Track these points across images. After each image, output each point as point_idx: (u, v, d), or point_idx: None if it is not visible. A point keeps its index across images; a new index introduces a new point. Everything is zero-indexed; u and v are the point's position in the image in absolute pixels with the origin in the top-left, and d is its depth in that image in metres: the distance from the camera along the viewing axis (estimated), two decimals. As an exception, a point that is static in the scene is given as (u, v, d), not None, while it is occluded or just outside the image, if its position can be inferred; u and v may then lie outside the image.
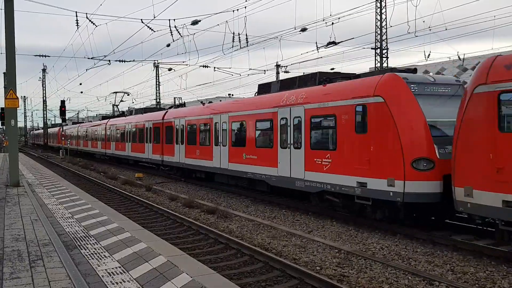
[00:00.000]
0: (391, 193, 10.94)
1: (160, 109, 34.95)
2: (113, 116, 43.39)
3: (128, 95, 48.18)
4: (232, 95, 47.38)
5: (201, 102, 24.57)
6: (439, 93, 11.77)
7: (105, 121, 40.87)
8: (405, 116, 11.02)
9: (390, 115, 11.06)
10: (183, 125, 23.45)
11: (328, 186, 12.99)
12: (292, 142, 14.62)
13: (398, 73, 11.84)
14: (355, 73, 14.70)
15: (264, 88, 18.08)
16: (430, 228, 11.25)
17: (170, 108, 30.26)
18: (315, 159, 13.54)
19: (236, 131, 18.36)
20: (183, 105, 30.08)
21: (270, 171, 15.69)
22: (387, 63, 33.36)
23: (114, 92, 46.92)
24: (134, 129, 31.31)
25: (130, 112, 39.82)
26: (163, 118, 26.42)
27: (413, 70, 12.61)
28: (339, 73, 15.87)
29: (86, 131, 47.00)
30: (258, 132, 16.90)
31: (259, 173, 16.36)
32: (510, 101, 8.91)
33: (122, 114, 41.86)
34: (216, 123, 19.79)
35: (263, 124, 16.49)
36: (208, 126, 20.57)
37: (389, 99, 11.22)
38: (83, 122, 61.48)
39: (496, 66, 9.09)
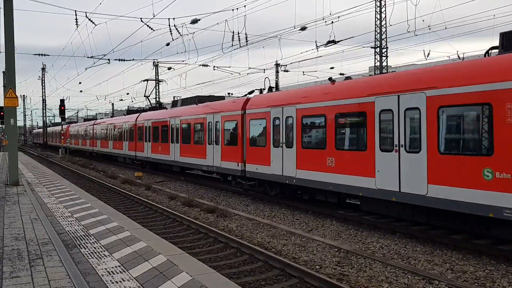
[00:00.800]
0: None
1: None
2: (153, 109, 34.76)
3: (160, 82, 48.38)
4: (232, 94, 47.38)
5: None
6: None
7: (134, 115, 33.42)
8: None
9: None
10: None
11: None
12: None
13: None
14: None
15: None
16: (429, 228, 11.25)
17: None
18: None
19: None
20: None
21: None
22: (387, 62, 33.37)
23: (145, 80, 41.55)
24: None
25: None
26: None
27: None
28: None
29: (110, 129, 38.80)
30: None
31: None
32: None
33: (158, 107, 36.23)
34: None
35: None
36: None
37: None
38: (96, 119, 56.61)
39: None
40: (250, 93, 19.56)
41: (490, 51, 10.20)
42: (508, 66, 8.88)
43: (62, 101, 44.07)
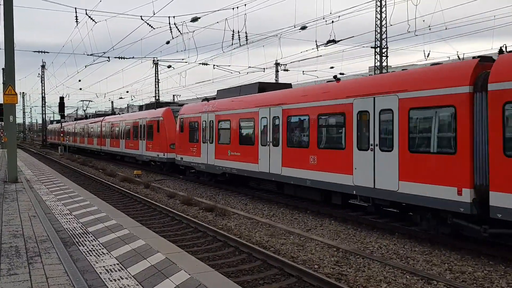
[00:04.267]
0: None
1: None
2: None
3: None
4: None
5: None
6: None
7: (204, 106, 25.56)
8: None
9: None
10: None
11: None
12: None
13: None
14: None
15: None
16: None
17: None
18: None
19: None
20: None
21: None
22: (387, 62, 33.35)
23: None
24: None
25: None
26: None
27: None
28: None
29: (127, 125, 33.71)
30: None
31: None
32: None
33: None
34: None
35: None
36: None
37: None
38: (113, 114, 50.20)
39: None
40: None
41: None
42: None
43: (61, 98, 44.03)
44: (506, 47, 9.82)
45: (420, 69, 11.85)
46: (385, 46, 33.31)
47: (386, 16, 32.99)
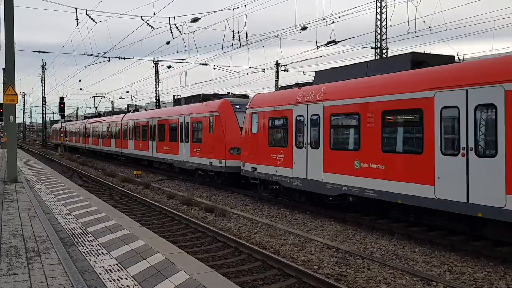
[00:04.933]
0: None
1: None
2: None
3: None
4: (231, 93, 47.31)
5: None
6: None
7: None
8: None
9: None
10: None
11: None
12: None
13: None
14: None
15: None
16: (428, 229, 11.24)
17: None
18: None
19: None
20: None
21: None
22: (387, 63, 33.29)
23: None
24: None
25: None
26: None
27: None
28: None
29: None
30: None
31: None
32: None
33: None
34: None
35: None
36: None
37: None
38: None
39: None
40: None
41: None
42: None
43: (61, 98, 44.03)
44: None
45: None
46: (386, 47, 33.30)
47: (386, 17, 32.98)
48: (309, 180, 13.85)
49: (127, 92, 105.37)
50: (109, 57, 31.37)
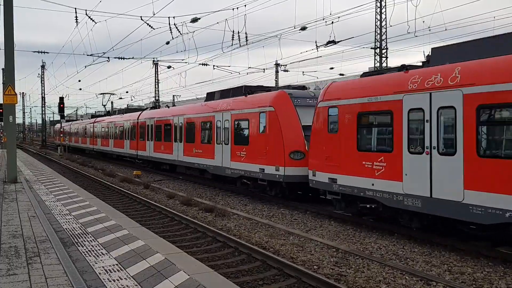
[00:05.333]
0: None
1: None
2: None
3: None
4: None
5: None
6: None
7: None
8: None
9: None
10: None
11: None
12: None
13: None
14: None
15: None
16: (427, 229, 11.24)
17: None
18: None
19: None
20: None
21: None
22: (387, 63, 33.36)
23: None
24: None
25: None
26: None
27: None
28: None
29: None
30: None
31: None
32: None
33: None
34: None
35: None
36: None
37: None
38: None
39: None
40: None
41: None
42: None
43: (61, 98, 44.02)
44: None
45: None
46: (385, 47, 33.31)
47: (386, 17, 32.99)
48: (435, 199, 9.83)
49: (127, 92, 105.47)
50: (108, 57, 31.40)
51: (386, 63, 33.30)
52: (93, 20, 23.03)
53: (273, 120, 15.76)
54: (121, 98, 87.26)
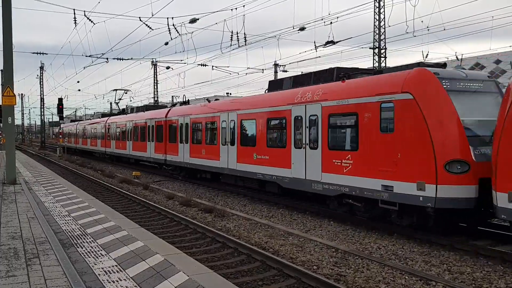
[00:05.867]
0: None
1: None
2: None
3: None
4: (230, 93, 47.08)
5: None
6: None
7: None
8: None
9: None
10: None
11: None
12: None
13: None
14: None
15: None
16: (427, 229, 11.25)
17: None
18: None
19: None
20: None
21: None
22: (385, 63, 33.39)
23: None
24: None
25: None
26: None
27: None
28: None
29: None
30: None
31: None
32: None
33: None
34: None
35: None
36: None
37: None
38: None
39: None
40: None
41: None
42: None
43: (60, 99, 43.99)
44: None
45: None
46: (384, 47, 33.36)
47: (384, 17, 33.05)
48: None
49: (126, 93, 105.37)
50: (107, 58, 31.40)
51: (385, 63, 33.35)
52: (91, 21, 23.04)
53: (411, 114, 10.66)
54: (120, 99, 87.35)
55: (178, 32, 23.46)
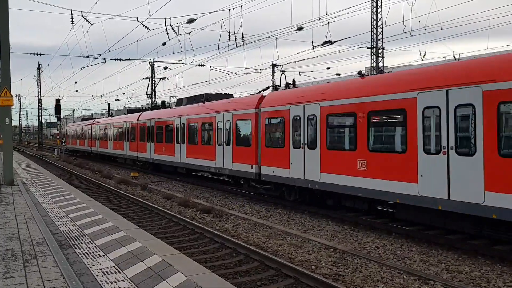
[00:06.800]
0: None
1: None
2: None
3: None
4: (227, 93, 46.90)
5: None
6: None
7: None
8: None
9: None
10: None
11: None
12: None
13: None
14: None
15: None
16: (425, 228, 11.26)
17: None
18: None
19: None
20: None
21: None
22: (383, 63, 33.43)
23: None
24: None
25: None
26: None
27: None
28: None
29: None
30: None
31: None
32: None
33: None
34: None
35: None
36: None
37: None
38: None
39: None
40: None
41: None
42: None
43: (57, 100, 43.89)
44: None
45: None
46: (381, 47, 33.40)
47: (382, 17, 33.09)
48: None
49: (124, 93, 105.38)
50: (105, 59, 31.27)
51: (383, 63, 33.39)
52: (89, 22, 22.93)
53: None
54: (117, 99, 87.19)
55: (175, 32, 23.39)
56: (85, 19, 22.43)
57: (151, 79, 35.77)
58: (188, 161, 22.48)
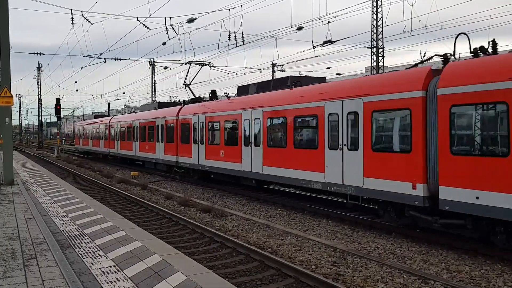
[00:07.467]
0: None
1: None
2: None
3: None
4: (229, 93, 46.87)
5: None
6: None
7: None
8: None
9: None
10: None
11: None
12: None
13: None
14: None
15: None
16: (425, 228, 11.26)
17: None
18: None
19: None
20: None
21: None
22: (383, 62, 33.43)
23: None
24: None
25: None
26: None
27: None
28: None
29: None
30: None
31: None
32: None
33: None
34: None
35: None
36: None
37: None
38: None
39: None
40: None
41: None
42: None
43: (58, 100, 43.89)
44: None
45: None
46: (381, 46, 33.40)
47: (382, 17, 33.10)
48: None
49: (124, 93, 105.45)
50: (105, 58, 31.27)
51: (383, 62, 33.38)
52: (89, 21, 22.96)
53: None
54: (117, 99, 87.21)
55: (175, 32, 23.42)
56: (85, 18, 22.45)
57: (190, 66, 25.92)
58: (266, 171, 15.93)
